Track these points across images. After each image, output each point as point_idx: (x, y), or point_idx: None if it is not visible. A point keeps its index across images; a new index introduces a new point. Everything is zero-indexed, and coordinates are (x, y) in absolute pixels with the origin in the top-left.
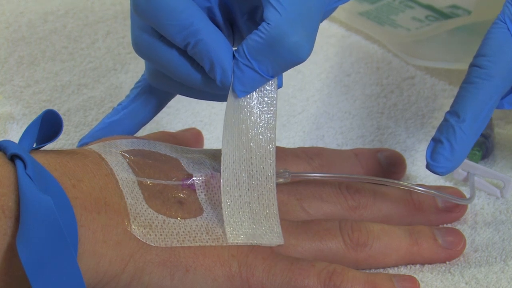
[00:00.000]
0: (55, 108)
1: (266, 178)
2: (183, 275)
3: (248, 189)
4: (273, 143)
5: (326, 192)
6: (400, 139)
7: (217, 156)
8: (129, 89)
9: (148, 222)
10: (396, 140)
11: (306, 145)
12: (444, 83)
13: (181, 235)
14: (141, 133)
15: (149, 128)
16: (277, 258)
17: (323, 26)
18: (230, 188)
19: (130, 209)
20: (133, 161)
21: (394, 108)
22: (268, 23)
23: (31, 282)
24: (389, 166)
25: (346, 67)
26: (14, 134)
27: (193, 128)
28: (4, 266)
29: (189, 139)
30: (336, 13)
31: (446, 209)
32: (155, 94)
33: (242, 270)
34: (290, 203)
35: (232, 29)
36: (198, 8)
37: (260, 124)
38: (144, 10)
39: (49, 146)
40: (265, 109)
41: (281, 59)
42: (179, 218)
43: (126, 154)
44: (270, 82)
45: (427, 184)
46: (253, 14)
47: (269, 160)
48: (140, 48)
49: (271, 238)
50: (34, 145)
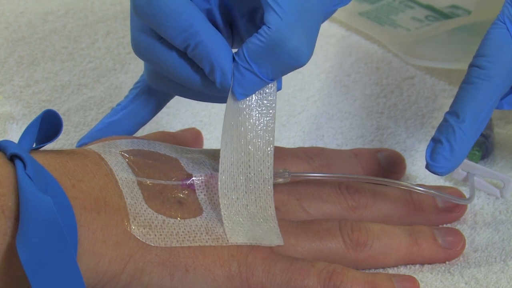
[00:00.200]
0: (55, 108)
1: (264, 181)
2: (182, 275)
3: (246, 192)
4: (272, 146)
5: (326, 192)
6: (400, 139)
7: (216, 156)
8: (129, 89)
9: (148, 222)
10: (396, 140)
11: (306, 145)
12: (444, 83)
13: (181, 235)
14: (140, 133)
15: (149, 128)
16: (276, 258)
17: (323, 26)
18: (227, 191)
19: (130, 209)
20: (133, 161)
21: (394, 108)
22: (269, 27)
23: (31, 282)
24: (389, 166)
25: (346, 67)
26: (14, 134)
27: (193, 128)
28: (4, 266)
29: (188, 139)
30: (336, 13)
31: (446, 209)
32: (154, 95)
33: (241, 270)
34: (290, 203)
35: (232, 30)
36: (197, 10)
37: (259, 127)
38: (144, 11)
39: (49, 146)
40: (264, 112)
41: (281, 63)
42: (178, 218)
43: (125, 154)
44: (269, 85)
45: (427, 184)
46: (253, 16)
47: (267, 163)
48: (139, 49)
49: (271, 239)
50: (34, 145)
